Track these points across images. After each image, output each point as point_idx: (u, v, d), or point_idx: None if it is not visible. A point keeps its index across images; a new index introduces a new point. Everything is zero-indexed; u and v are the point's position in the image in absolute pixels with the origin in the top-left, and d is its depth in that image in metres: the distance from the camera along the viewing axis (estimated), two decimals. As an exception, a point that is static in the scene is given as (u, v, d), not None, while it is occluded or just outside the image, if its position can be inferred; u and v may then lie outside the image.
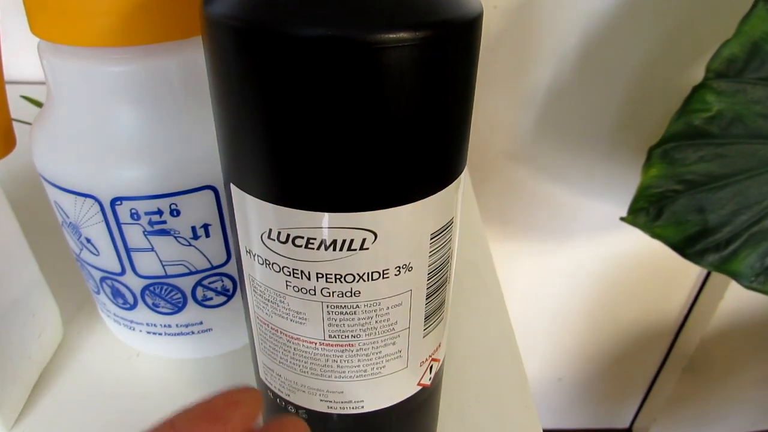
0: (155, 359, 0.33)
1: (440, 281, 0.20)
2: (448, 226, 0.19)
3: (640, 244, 0.75)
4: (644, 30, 0.56)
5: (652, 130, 0.63)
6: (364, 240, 0.17)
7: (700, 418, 0.98)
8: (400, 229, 0.17)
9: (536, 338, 0.88)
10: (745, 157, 0.44)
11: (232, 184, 0.18)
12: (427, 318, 0.21)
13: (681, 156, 0.45)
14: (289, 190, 0.16)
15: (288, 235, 0.17)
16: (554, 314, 0.85)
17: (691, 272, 0.82)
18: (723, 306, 0.80)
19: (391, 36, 0.14)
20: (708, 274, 0.81)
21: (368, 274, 0.18)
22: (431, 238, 0.18)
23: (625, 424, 1.06)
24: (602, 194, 0.70)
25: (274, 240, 0.18)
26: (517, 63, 0.59)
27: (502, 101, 0.62)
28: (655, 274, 0.81)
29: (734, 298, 0.79)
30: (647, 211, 0.47)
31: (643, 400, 1.01)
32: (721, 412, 0.98)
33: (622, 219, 0.49)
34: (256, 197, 0.17)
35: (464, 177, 0.19)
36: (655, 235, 0.48)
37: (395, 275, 0.18)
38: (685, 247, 0.48)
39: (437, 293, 0.20)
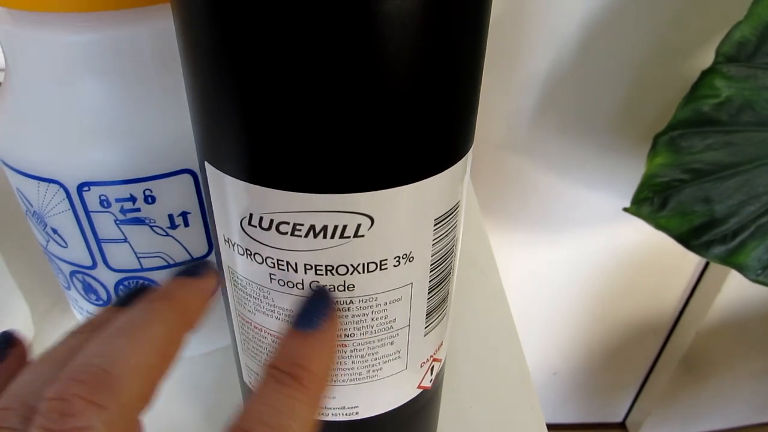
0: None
1: (444, 273, 0.18)
2: (454, 211, 0.17)
3: (637, 236, 0.74)
4: (649, 13, 0.54)
5: (654, 119, 0.61)
6: (358, 226, 0.15)
7: (695, 412, 0.98)
8: (400, 213, 0.15)
9: (532, 332, 0.87)
10: (755, 146, 0.43)
11: (207, 163, 0.16)
12: (428, 314, 0.18)
13: (688, 144, 0.43)
14: (272, 167, 0.14)
15: (271, 221, 0.15)
16: (549, 307, 0.84)
17: (688, 266, 0.81)
18: (719, 300, 0.79)
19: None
20: (705, 268, 0.80)
21: (363, 265, 0.16)
22: (435, 224, 0.16)
23: (619, 418, 1.06)
24: (600, 185, 0.68)
25: (255, 226, 0.16)
26: (515, 48, 0.57)
27: (499, 88, 0.60)
28: (652, 267, 0.80)
29: (731, 291, 0.78)
30: (652, 201, 0.45)
31: (638, 394, 1.01)
32: (715, 406, 0.97)
33: (626, 209, 0.47)
34: (234, 177, 0.15)
35: (471, 156, 0.17)
36: (659, 227, 0.46)
37: (394, 266, 0.16)
38: (691, 238, 0.46)
39: (440, 287, 0.18)
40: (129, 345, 0.14)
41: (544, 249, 0.76)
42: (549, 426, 0.28)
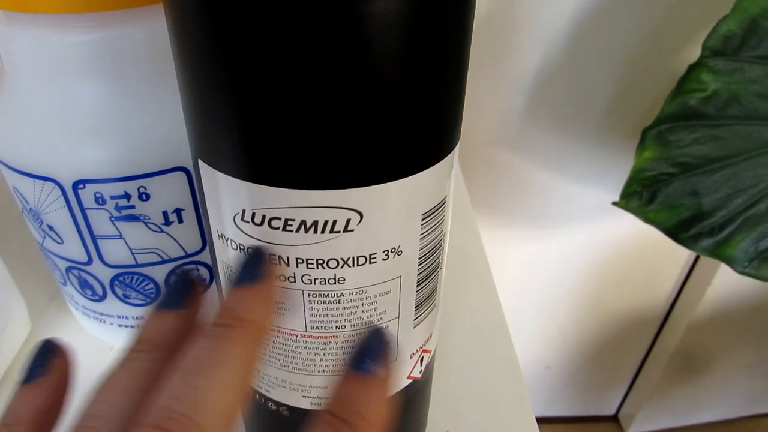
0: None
1: (432, 266, 0.19)
2: (441, 206, 0.17)
3: (628, 231, 0.75)
4: (636, 8, 0.55)
5: (643, 114, 0.61)
6: (348, 221, 0.15)
7: (687, 405, 0.98)
8: (388, 208, 0.16)
9: (524, 326, 0.87)
10: (741, 139, 0.43)
11: (200, 161, 0.16)
12: (417, 307, 0.19)
13: (675, 138, 0.44)
14: (263, 165, 0.15)
15: (263, 217, 0.16)
16: (541, 302, 0.84)
17: (678, 259, 0.81)
18: (710, 293, 0.80)
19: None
20: (695, 262, 0.81)
21: (353, 258, 0.16)
22: (423, 219, 0.17)
23: (612, 411, 1.06)
24: (590, 180, 0.68)
25: (248, 222, 0.16)
26: (505, 45, 0.57)
27: (490, 85, 0.60)
28: (643, 261, 0.80)
29: (721, 284, 0.79)
30: (640, 195, 0.46)
31: (630, 387, 1.01)
32: (707, 398, 0.98)
33: (615, 203, 0.48)
34: (226, 174, 0.15)
35: (458, 152, 0.18)
36: (648, 220, 0.47)
37: (383, 260, 0.17)
38: (679, 231, 0.46)
39: (429, 280, 0.19)
40: (209, 388, 0.14)
41: (535, 244, 0.76)
42: (543, 419, 0.29)
